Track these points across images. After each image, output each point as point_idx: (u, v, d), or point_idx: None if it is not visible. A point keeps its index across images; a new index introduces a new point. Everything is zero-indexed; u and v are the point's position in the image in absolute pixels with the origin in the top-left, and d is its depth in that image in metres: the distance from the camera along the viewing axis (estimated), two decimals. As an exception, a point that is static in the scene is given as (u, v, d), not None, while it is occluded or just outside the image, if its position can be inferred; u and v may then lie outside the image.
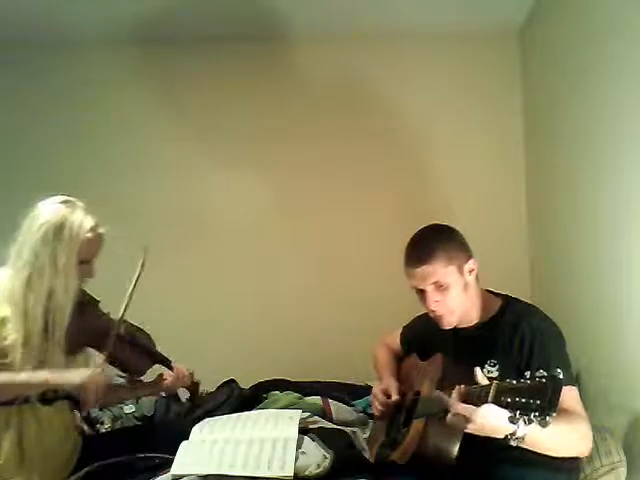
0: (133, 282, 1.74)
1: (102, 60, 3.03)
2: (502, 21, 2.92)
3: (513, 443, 1.24)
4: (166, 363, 1.96)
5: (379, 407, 1.80)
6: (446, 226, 1.69)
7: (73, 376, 1.64)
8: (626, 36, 1.88)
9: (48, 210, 1.66)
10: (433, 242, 1.61)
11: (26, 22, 2.80)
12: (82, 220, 1.66)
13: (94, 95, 3.04)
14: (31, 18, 2.77)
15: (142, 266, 1.74)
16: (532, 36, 2.91)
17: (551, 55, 2.64)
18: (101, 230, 1.71)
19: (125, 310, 1.75)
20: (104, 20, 2.84)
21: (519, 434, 1.21)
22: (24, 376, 1.60)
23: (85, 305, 1.76)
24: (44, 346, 1.65)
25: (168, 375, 1.95)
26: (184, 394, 2.15)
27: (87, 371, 1.65)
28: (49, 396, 1.71)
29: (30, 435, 1.69)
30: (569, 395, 1.40)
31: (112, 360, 1.78)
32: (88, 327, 1.75)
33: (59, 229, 1.63)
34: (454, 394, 1.34)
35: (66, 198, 1.69)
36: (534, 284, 2.94)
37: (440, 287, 1.59)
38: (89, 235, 1.66)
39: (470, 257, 1.64)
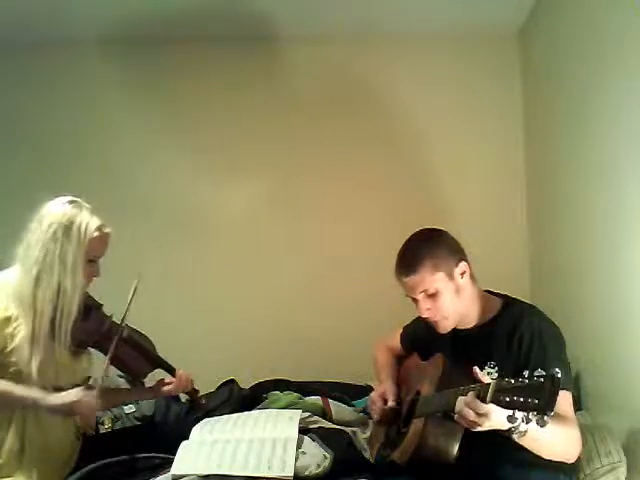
0: (129, 299, 1.77)
1: (101, 60, 3.03)
2: (502, 21, 2.92)
3: (515, 436, 1.25)
4: (168, 368, 1.95)
5: (376, 414, 1.80)
6: (434, 231, 1.68)
7: (64, 397, 1.65)
8: (626, 36, 1.89)
9: (56, 210, 1.69)
10: (419, 251, 1.61)
11: (25, 22, 2.80)
12: (89, 220, 1.70)
13: (93, 95, 3.04)
14: (30, 18, 2.77)
15: (134, 291, 1.78)
16: (532, 36, 2.90)
17: (551, 55, 2.64)
18: (107, 230, 1.75)
19: (126, 313, 1.77)
20: (104, 20, 2.84)
21: (522, 428, 1.21)
22: (19, 390, 1.62)
23: (90, 307, 1.79)
24: (50, 344, 1.66)
25: (169, 380, 1.95)
26: (184, 395, 2.15)
27: (78, 393, 1.66)
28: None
29: (32, 434, 1.70)
30: (564, 399, 1.40)
31: (115, 362, 1.80)
32: (93, 328, 1.77)
33: (68, 228, 1.66)
34: (469, 394, 1.30)
35: (72, 198, 1.73)
36: (534, 284, 2.94)
37: (430, 295, 1.59)
38: (96, 234, 1.70)
39: (461, 260, 1.62)
